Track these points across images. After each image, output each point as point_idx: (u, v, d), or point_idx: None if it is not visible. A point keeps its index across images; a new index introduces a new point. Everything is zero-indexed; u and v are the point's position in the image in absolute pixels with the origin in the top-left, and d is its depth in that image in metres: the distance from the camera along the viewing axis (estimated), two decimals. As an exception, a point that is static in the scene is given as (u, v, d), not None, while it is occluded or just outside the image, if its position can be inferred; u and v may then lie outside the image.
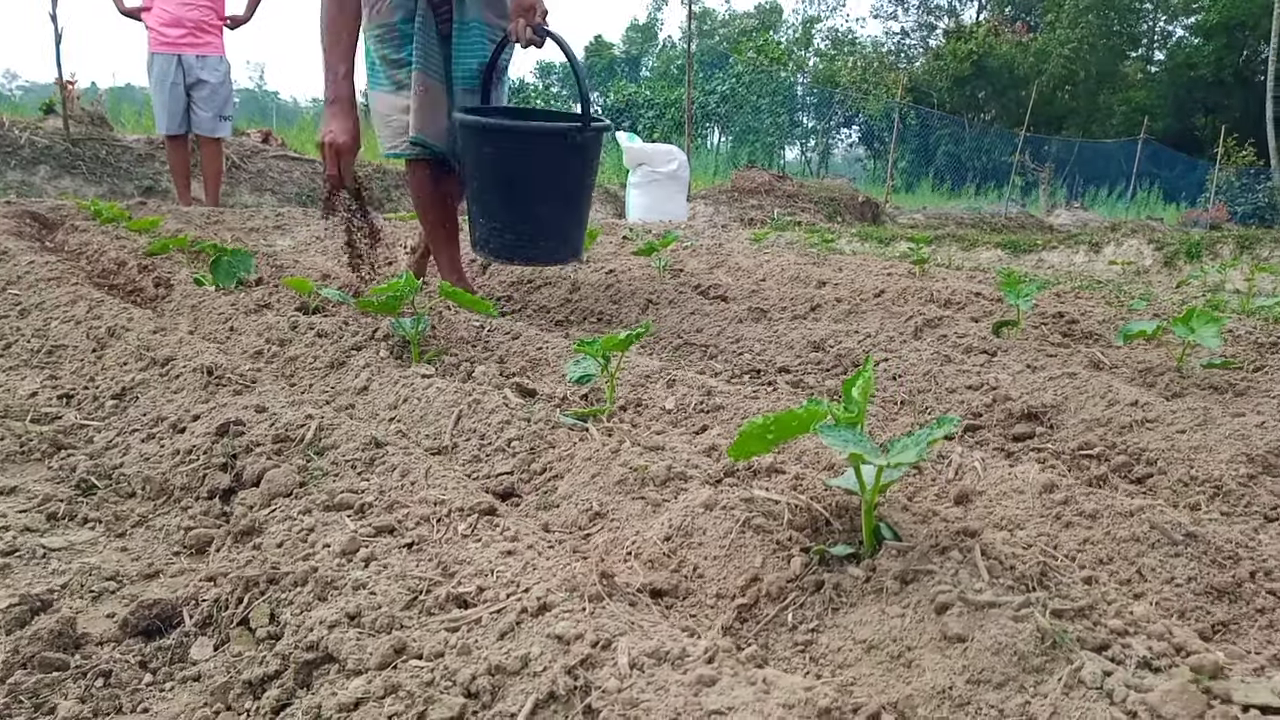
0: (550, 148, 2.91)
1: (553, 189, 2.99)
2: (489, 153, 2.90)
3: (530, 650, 0.90)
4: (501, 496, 1.48)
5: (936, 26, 47.45)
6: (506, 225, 3.00)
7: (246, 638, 1.08)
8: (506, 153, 2.89)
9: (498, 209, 2.99)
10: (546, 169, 2.94)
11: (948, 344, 2.81)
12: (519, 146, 2.88)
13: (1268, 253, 6.84)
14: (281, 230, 6.14)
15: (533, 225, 3.01)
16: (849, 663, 0.96)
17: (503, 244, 3.04)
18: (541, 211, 2.99)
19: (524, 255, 3.09)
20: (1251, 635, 1.07)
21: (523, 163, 2.89)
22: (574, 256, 3.26)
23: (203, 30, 6.82)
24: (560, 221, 3.07)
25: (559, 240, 3.10)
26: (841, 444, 1.02)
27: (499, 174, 2.94)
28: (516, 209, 2.98)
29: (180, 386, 1.90)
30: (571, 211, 3.10)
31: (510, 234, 3.01)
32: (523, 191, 2.95)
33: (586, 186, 3.15)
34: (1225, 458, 1.81)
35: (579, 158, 2.99)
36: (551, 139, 2.91)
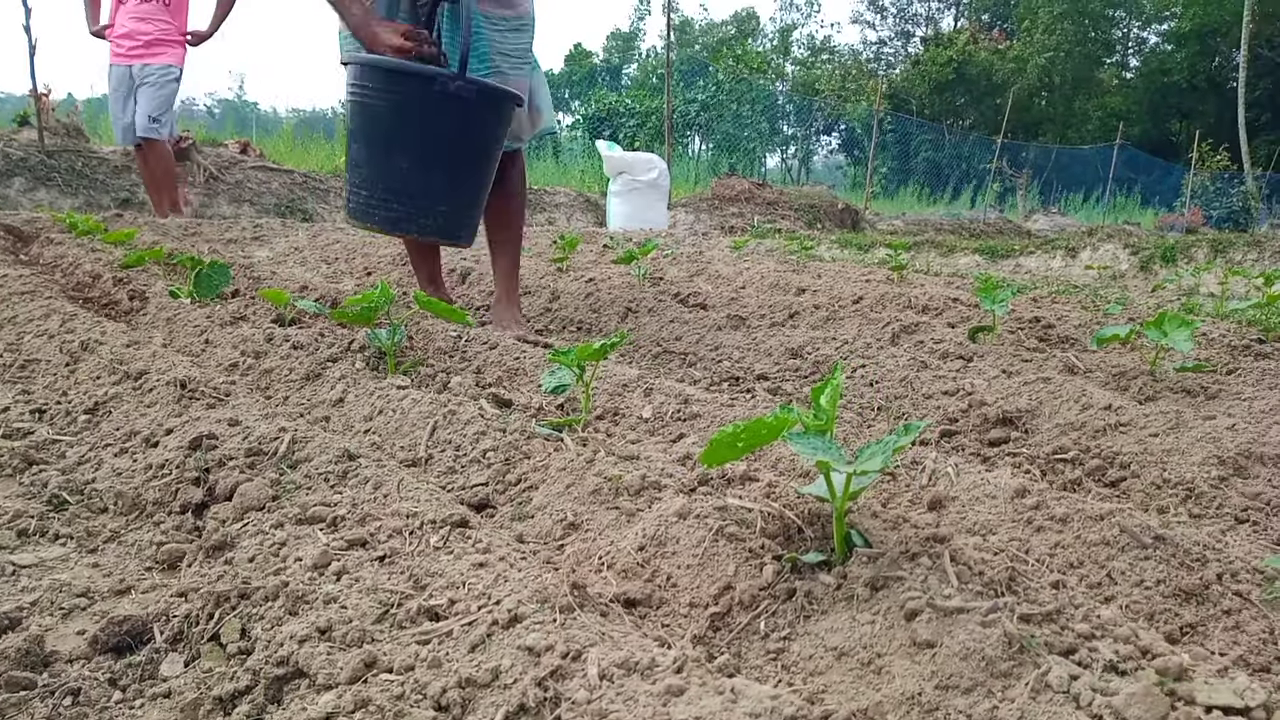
0: (413, 91, 2.59)
1: (415, 143, 2.65)
2: (357, 94, 2.65)
3: (501, 662, 0.89)
4: (476, 508, 1.48)
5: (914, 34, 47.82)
6: (363, 181, 2.69)
7: (217, 653, 1.07)
8: (369, 94, 2.63)
9: (358, 162, 2.71)
10: (408, 117, 2.62)
11: (924, 350, 2.83)
12: (380, 86, 2.61)
13: (1241, 256, 6.92)
14: (260, 241, 6.11)
15: (388, 183, 2.66)
16: (820, 670, 0.96)
17: (358, 204, 2.71)
18: (401, 168, 2.65)
19: (377, 217, 2.69)
20: (1217, 636, 1.08)
21: (383, 106, 2.62)
22: (447, 235, 2.84)
23: (158, 43, 6.72)
24: (424, 184, 2.69)
25: (421, 208, 2.71)
26: (810, 451, 1.03)
27: (362, 120, 2.67)
28: (375, 162, 2.67)
29: (154, 400, 1.89)
30: (444, 177, 2.72)
31: (365, 191, 2.69)
32: (381, 141, 2.65)
33: (468, 155, 2.76)
34: (1197, 460, 1.83)
35: (454, 114, 2.64)
36: (413, 80, 2.60)
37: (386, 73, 2.61)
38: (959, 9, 47.91)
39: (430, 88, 2.57)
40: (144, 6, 6.67)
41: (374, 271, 4.78)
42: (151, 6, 6.68)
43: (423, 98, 2.59)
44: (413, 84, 2.59)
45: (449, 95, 2.58)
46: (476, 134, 2.75)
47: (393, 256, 5.02)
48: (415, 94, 2.59)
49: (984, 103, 37.21)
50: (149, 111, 6.75)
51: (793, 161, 37.93)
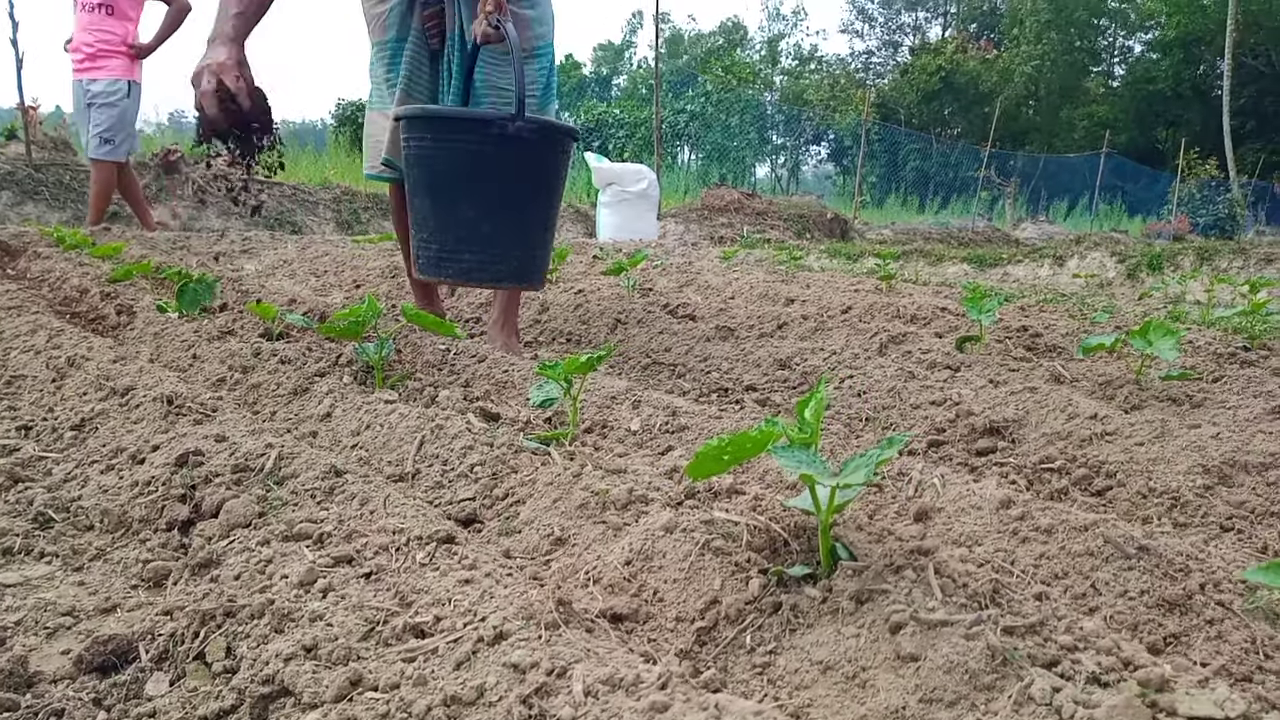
0: (472, 139, 2.52)
1: (481, 191, 2.58)
2: (413, 148, 2.58)
3: (486, 680, 0.89)
4: (464, 523, 1.48)
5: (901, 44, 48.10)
6: (432, 235, 2.61)
7: (203, 672, 1.07)
8: (427, 146, 2.55)
9: (423, 215, 2.63)
10: (471, 166, 2.54)
11: (912, 360, 2.84)
12: (437, 137, 2.53)
13: (1226, 264, 6.97)
14: (248, 254, 6.10)
15: (458, 233, 2.59)
16: (806, 684, 0.97)
17: (429, 258, 2.63)
18: (469, 217, 2.57)
19: (451, 269, 2.62)
20: (1200, 647, 1.08)
21: (443, 157, 2.54)
22: (521, 279, 2.75)
23: (101, 55, 6.51)
24: (494, 231, 2.61)
25: (494, 255, 2.63)
26: (795, 465, 1.03)
27: (423, 173, 2.59)
28: (441, 214, 2.59)
29: (140, 416, 1.88)
30: (512, 222, 2.64)
31: (435, 244, 2.61)
32: (446, 192, 2.57)
33: (535, 196, 2.69)
34: (1182, 469, 1.84)
35: (517, 157, 2.57)
36: (471, 127, 2.53)
37: (442, 121, 2.55)
38: (946, 19, 48.24)
39: (489, 132, 2.51)
40: (88, 17, 6.46)
41: (363, 284, 4.77)
42: (93, 17, 6.46)
43: (482, 143, 2.52)
44: (470, 130, 2.53)
45: (509, 138, 2.51)
46: (540, 173, 2.68)
47: (381, 269, 5.02)
48: (474, 140, 2.52)
49: (972, 112, 37.43)
50: (99, 132, 6.55)
51: (782, 171, 38.05)
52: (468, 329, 3.74)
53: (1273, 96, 31.42)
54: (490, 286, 2.98)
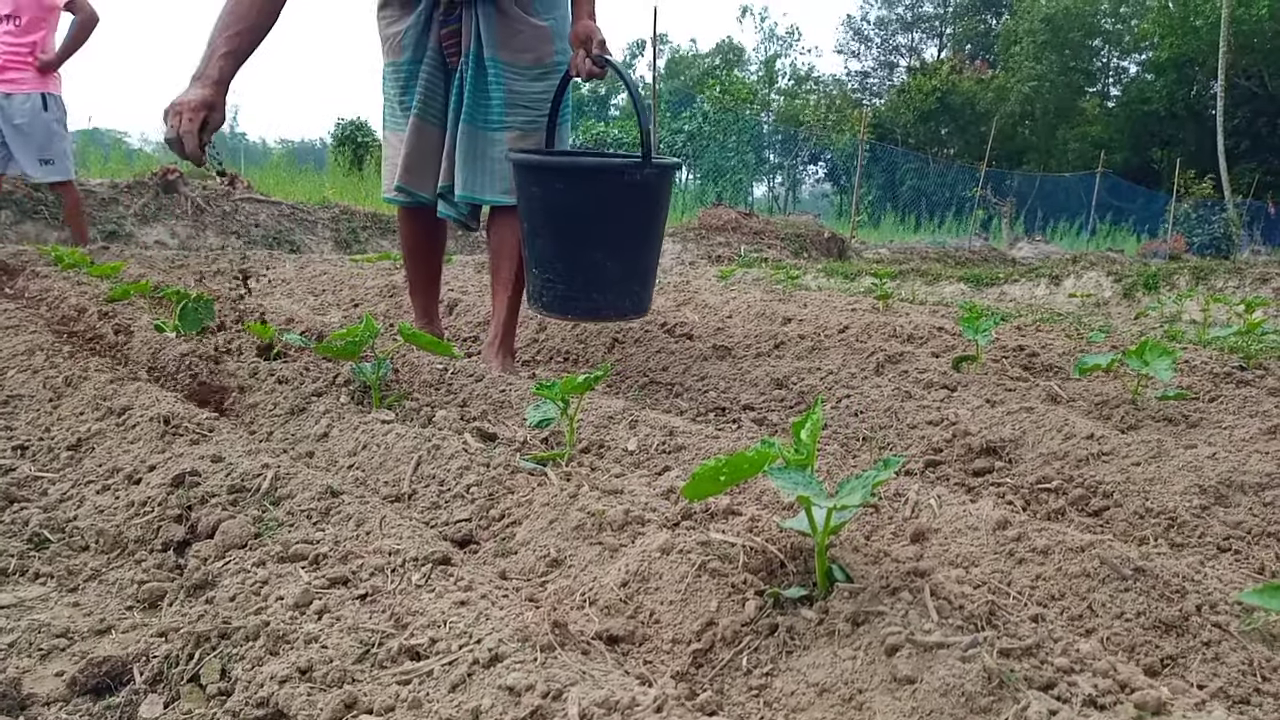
0: (604, 187, 2.63)
1: (609, 234, 2.68)
2: (538, 194, 2.66)
3: (481, 702, 0.89)
4: (459, 544, 1.48)
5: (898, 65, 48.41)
6: (559, 276, 2.71)
7: (197, 695, 1.07)
8: (557, 193, 2.62)
9: (549, 257, 2.71)
10: (601, 211, 2.63)
11: (909, 380, 2.85)
12: (569, 186, 2.61)
13: (1222, 283, 6.99)
14: (247, 273, 6.10)
15: (586, 275, 2.69)
16: (802, 706, 0.96)
17: (555, 297, 2.74)
18: (596, 260, 2.68)
19: (578, 309, 2.76)
20: (1197, 668, 1.08)
21: (574, 204, 2.62)
22: (637, 311, 2.88)
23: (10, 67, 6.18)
24: (620, 271, 2.73)
25: (618, 293, 2.76)
26: (791, 486, 1.03)
27: (549, 217, 2.67)
28: (568, 257, 2.69)
29: (137, 436, 1.88)
30: (633, 260, 2.76)
31: (562, 285, 2.71)
32: (575, 237, 2.66)
33: (651, 232, 2.80)
34: (1179, 489, 1.84)
35: (640, 199, 2.67)
36: (605, 177, 2.66)
37: (578, 172, 2.65)
38: (942, 40, 48.57)
39: (621, 180, 2.61)
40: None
41: (361, 304, 4.78)
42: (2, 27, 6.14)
43: (614, 191, 2.62)
44: (606, 180, 2.64)
45: (637, 183, 2.60)
46: (657, 210, 2.78)
47: (379, 288, 5.02)
48: (607, 189, 2.62)
49: (968, 132, 37.63)
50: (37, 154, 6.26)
51: (779, 190, 38.20)
52: (465, 348, 3.74)
53: (1266, 117, 31.62)
54: (613, 321, 3.14)
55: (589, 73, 2.75)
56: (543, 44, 2.95)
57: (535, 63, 2.95)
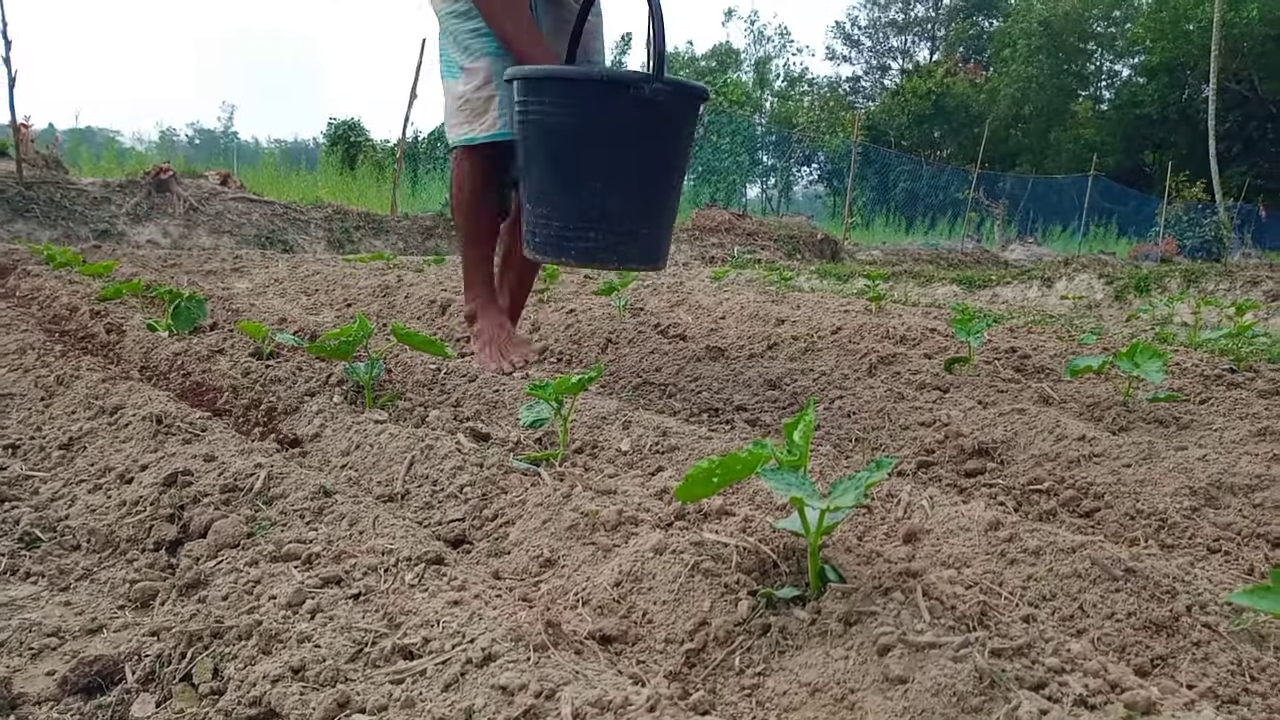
0: (608, 103, 2.26)
1: (610, 161, 2.32)
2: (535, 112, 2.32)
3: (474, 702, 0.89)
4: (453, 544, 1.48)
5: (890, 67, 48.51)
6: (553, 210, 2.35)
7: (189, 694, 1.06)
8: (554, 111, 2.28)
9: (543, 189, 2.36)
10: (602, 132, 2.28)
11: (901, 381, 2.85)
12: (568, 101, 2.27)
13: (1213, 285, 7.02)
14: (239, 273, 6.10)
15: (583, 209, 2.33)
16: (794, 706, 0.97)
17: (548, 236, 2.37)
18: (595, 190, 2.32)
19: (573, 250, 2.37)
20: (1187, 668, 1.09)
21: (574, 124, 2.27)
22: (647, 261, 2.50)
23: None
24: (621, 205, 2.35)
25: (620, 234, 2.37)
26: (784, 487, 1.04)
27: (544, 140, 2.32)
28: (564, 188, 2.34)
29: (129, 436, 1.88)
30: (639, 194, 2.38)
31: (557, 221, 2.35)
32: (572, 164, 2.31)
33: (663, 165, 2.42)
34: (1169, 491, 1.85)
35: (650, 122, 2.31)
36: (609, 90, 2.26)
37: (572, 83, 2.30)
38: (934, 42, 48.69)
39: (624, 95, 2.25)
40: None
41: (354, 303, 4.77)
42: None
43: (617, 107, 2.27)
44: (604, 92, 2.27)
45: (645, 101, 2.25)
46: (673, 141, 2.42)
47: (372, 288, 5.02)
48: (608, 103, 2.27)
49: (962, 134, 37.72)
50: None
51: (773, 192, 38.21)
52: (458, 348, 3.74)
53: (1257, 121, 31.77)
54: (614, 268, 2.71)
55: None
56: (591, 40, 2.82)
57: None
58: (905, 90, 38.79)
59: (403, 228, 10.70)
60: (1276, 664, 1.06)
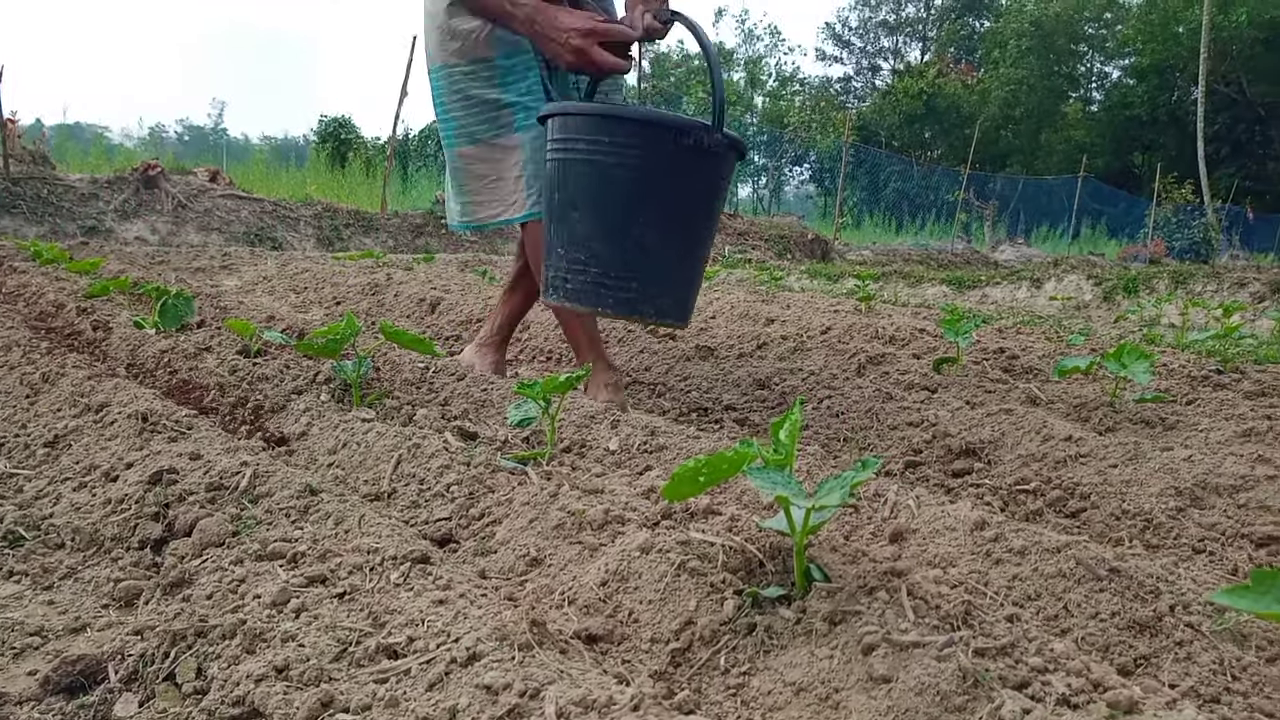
0: (665, 149, 2.12)
1: (665, 209, 2.18)
2: (579, 152, 2.16)
3: (459, 701, 0.89)
4: (439, 543, 1.47)
5: (881, 68, 48.60)
6: (593, 257, 2.18)
7: (173, 693, 1.06)
8: (602, 153, 2.13)
9: (584, 235, 2.19)
10: (659, 179, 2.14)
11: (890, 381, 2.86)
12: (621, 144, 2.11)
13: (1201, 287, 7.06)
14: (228, 270, 6.08)
15: (629, 258, 2.18)
16: (779, 705, 0.97)
17: (584, 283, 2.20)
18: (646, 241, 2.17)
19: (612, 300, 2.20)
20: (1170, 668, 1.09)
21: (623, 168, 2.12)
22: (679, 316, 2.33)
23: None
24: (671, 258, 2.23)
25: (663, 287, 2.23)
26: (770, 486, 1.04)
27: (591, 182, 2.16)
28: (610, 234, 2.18)
29: (114, 433, 1.87)
30: (685, 248, 2.27)
31: (596, 268, 2.18)
32: (622, 209, 2.16)
33: (709, 220, 2.33)
34: (1155, 491, 1.85)
35: (706, 172, 2.20)
36: (668, 135, 2.11)
37: (630, 124, 2.13)
38: (926, 43, 48.81)
39: (684, 142, 2.10)
40: None
41: (343, 302, 4.76)
42: None
43: (674, 155, 2.12)
44: (664, 138, 2.11)
45: (703, 151, 2.13)
46: (719, 194, 2.30)
47: (362, 286, 5.01)
48: (665, 150, 2.11)
49: (953, 135, 37.81)
50: None
51: (764, 191, 38.27)
52: (446, 346, 3.73)
53: (1245, 123, 31.94)
54: (650, 322, 2.48)
55: (647, 28, 2.34)
56: None
57: None
58: (896, 90, 38.87)
59: (393, 225, 10.68)
60: (1258, 663, 1.07)
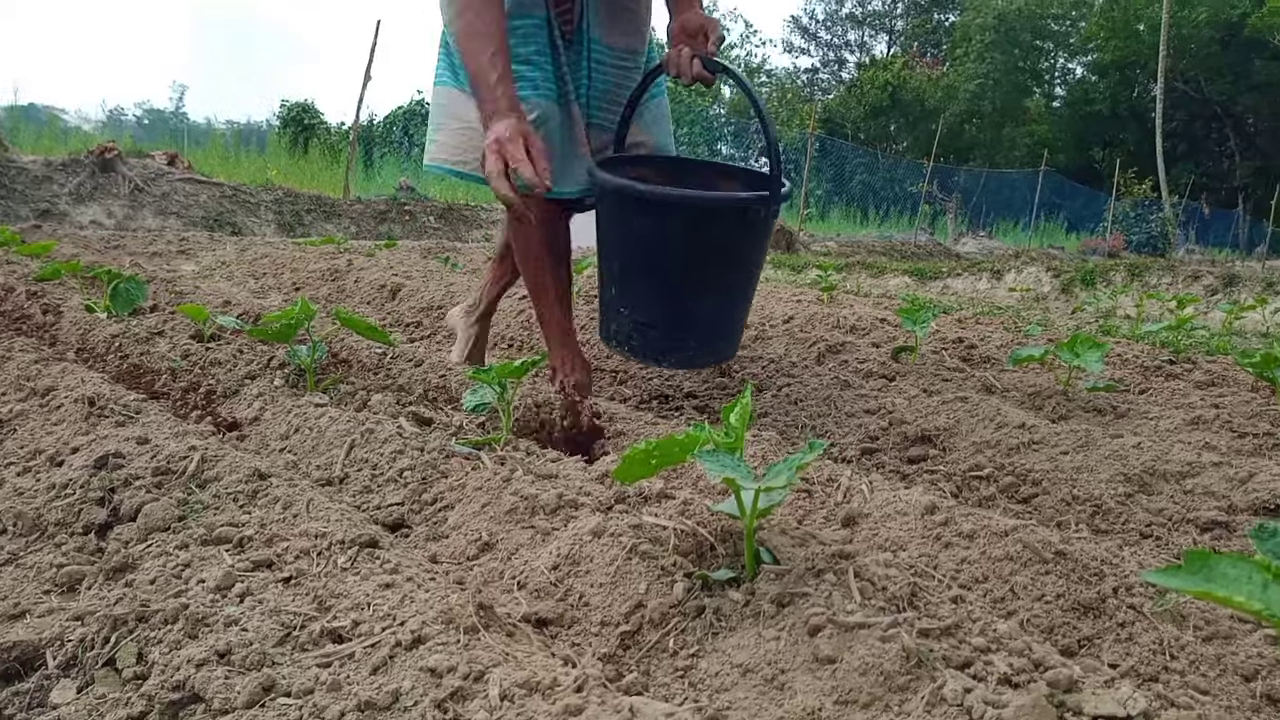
0: (728, 225, 2.11)
1: (723, 281, 2.20)
2: (640, 226, 2.14)
3: (402, 684, 0.88)
4: (391, 528, 1.46)
5: (847, 61, 48.80)
6: (654, 321, 2.22)
7: (112, 679, 1.04)
8: (666, 229, 2.10)
9: (644, 300, 2.21)
10: (718, 254, 2.15)
11: (849, 369, 2.88)
12: (687, 223, 2.08)
13: (1156, 280, 7.17)
14: (185, 255, 5.98)
15: (687, 324, 2.23)
16: (726, 687, 0.97)
17: (646, 342, 2.25)
18: (704, 309, 2.22)
19: (673, 359, 2.29)
20: (1112, 648, 1.11)
21: (687, 243, 2.10)
22: (729, 354, 2.45)
23: None
24: (727, 320, 2.31)
25: (715, 340, 2.32)
26: (718, 469, 1.04)
27: (652, 255, 2.15)
28: (669, 302, 2.20)
29: (61, 418, 1.83)
30: (739, 305, 2.33)
31: (657, 331, 2.22)
32: (682, 281, 2.17)
33: (757, 270, 2.35)
34: (1105, 478, 1.88)
35: (756, 237, 2.22)
36: (728, 215, 2.11)
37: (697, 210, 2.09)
38: (892, 36, 49.07)
39: (744, 220, 2.11)
40: None
41: (303, 287, 4.71)
42: None
43: (730, 231, 2.13)
44: (725, 217, 2.11)
45: (752, 222, 2.12)
46: (762, 249, 2.32)
47: (322, 272, 4.95)
48: (725, 229, 2.12)
49: (918, 128, 38.07)
50: None
51: (731, 182, 38.23)
52: (408, 333, 3.70)
53: (1203, 121, 32.53)
54: (704, 367, 2.67)
55: (696, 76, 2.21)
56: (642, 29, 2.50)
57: (629, 51, 2.47)
58: (862, 83, 39.06)
59: (355, 211, 10.56)
60: (1195, 643, 1.09)
